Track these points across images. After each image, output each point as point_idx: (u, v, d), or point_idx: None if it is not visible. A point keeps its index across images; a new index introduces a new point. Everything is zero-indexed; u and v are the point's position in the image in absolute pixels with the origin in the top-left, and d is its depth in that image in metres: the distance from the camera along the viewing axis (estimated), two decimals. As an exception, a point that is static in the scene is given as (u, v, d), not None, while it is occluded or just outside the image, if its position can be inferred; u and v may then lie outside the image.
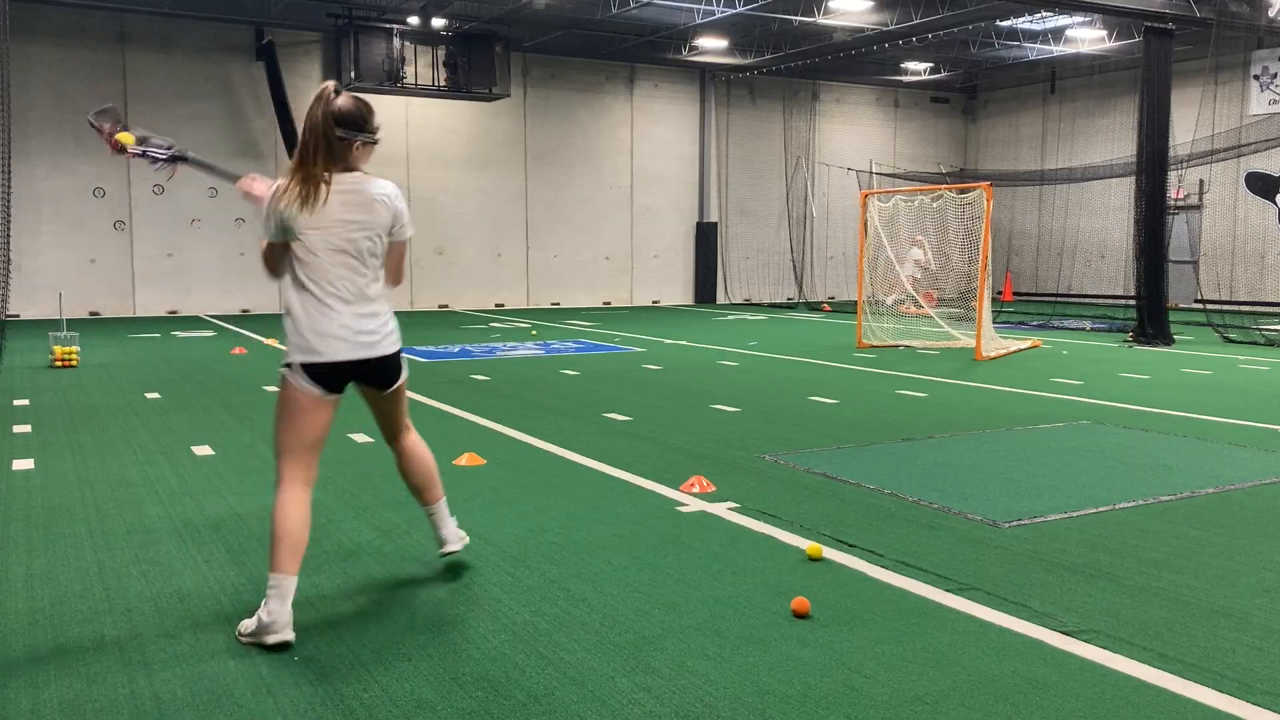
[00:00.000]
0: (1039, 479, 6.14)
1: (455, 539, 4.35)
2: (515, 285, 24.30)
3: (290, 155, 22.15)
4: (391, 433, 4.20)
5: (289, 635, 3.60)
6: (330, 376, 3.79)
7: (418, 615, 3.89)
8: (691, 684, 3.29)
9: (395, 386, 4.02)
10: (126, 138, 4.28)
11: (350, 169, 3.79)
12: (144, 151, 4.30)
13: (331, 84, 3.79)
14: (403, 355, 4.04)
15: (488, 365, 12.04)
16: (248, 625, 3.66)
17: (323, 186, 3.70)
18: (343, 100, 3.75)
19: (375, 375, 3.94)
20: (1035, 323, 19.13)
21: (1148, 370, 11.84)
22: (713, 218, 26.46)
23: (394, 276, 3.98)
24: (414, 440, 4.25)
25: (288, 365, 3.79)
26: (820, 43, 22.72)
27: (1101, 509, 5.45)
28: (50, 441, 7.30)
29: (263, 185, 3.94)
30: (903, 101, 28.94)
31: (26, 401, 9.13)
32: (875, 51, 23.35)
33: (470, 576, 4.33)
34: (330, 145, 3.71)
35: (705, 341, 15.32)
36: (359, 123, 3.76)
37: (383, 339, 3.88)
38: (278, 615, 3.59)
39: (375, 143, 3.85)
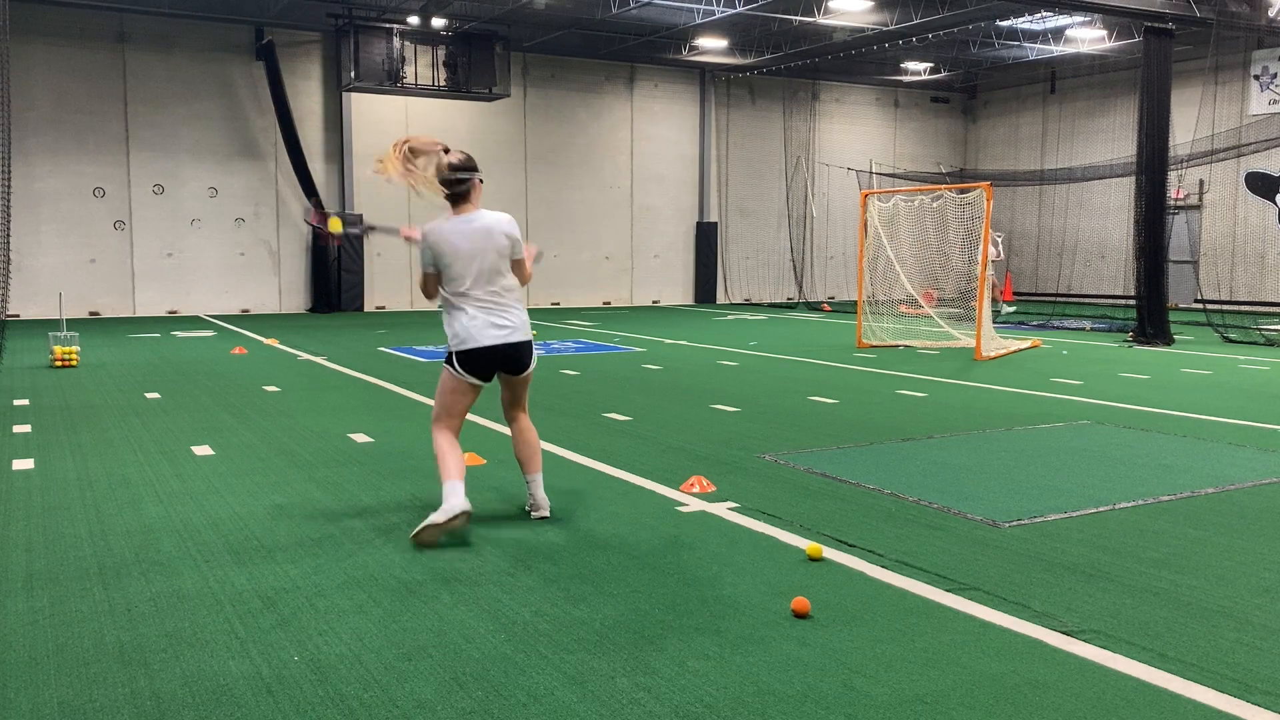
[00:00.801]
0: (1039, 479, 6.14)
1: (546, 505, 5.24)
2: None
3: (290, 156, 22.06)
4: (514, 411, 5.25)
5: (469, 506, 4.75)
6: (480, 363, 4.93)
7: (418, 615, 3.89)
8: (691, 684, 3.29)
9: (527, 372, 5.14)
10: (336, 224, 4.71)
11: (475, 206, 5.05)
12: (345, 233, 4.97)
13: (440, 146, 4.90)
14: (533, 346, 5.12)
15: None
16: (436, 516, 4.65)
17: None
18: (454, 155, 4.97)
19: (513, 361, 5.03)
20: (1035, 323, 19.13)
21: (1148, 370, 11.84)
22: (712, 217, 26.46)
23: (522, 279, 5.18)
24: (528, 422, 5.27)
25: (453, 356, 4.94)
26: (820, 43, 22.72)
27: (1101, 509, 5.45)
28: (50, 441, 7.30)
29: (417, 230, 5.06)
30: (903, 101, 28.94)
31: (26, 401, 9.13)
32: (875, 51, 23.35)
33: (470, 576, 4.33)
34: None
35: (705, 341, 15.32)
36: (473, 166, 5.08)
37: (516, 329, 5.02)
38: (456, 499, 4.71)
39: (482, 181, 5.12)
